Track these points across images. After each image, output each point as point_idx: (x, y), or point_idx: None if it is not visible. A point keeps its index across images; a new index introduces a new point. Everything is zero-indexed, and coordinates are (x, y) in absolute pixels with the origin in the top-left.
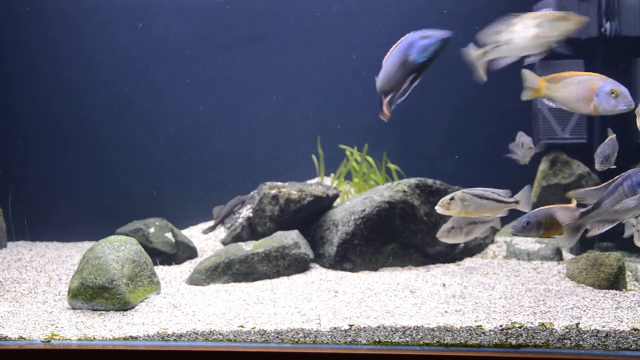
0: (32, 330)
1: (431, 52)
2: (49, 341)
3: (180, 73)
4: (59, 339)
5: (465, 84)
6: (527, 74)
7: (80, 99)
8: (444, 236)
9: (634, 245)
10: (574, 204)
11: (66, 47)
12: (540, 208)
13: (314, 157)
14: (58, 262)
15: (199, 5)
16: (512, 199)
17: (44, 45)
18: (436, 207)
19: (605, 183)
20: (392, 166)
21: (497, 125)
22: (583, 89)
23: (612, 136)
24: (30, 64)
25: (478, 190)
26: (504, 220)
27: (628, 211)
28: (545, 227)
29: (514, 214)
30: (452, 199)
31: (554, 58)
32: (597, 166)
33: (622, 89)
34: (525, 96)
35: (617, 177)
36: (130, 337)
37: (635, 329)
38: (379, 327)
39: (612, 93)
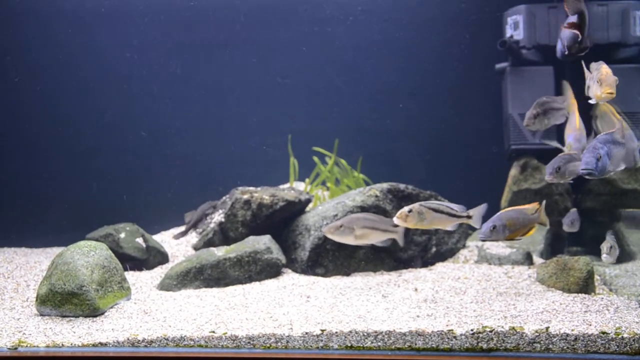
0: None
1: None
2: (16, 348)
3: (151, 77)
4: (27, 346)
5: (438, 90)
6: (566, 88)
7: (49, 102)
8: (330, 232)
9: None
10: (536, 204)
11: (39, 51)
12: (503, 211)
13: (293, 159)
14: (26, 268)
15: (171, 9)
16: (464, 213)
17: (16, 49)
18: (394, 219)
19: None
20: (360, 175)
21: (469, 131)
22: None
23: (569, 151)
24: (4, 67)
25: (434, 204)
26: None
27: None
28: (510, 229)
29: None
30: (410, 211)
31: (524, 64)
32: (547, 177)
33: (574, 147)
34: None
35: None
36: (100, 343)
37: (603, 332)
38: (351, 331)
39: (568, 146)
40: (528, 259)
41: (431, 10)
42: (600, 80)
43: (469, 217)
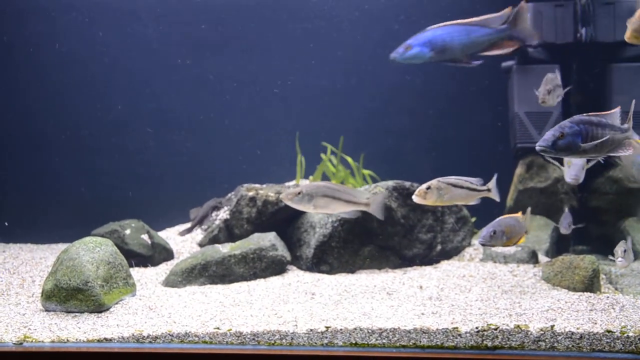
0: (4, 333)
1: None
2: (21, 343)
3: (157, 74)
4: (32, 341)
5: (444, 88)
6: None
7: (55, 99)
8: (288, 199)
9: (607, 249)
10: (523, 214)
11: (46, 50)
12: (501, 217)
13: (300, 156)
14: (32, 263)
15: (179, 6)
16: (484, 187)
17: (22, 47)
18: (413, 197)
19: None
20: (366, 171)
21: (475, 129)
22: None
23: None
24: (10, 65)
25: (452, 179)
26: (482, 223)
27: None
28: (507, 236)
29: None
30: (428, 188)
31: (530, 63)
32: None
33: (574, 162)
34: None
35: None
36: (105, 339)
37: (608, 331)
38: (355, 329)
39: (568, 162)
40: (533, 258)
41: (436, 8)
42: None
43: (489, 190)
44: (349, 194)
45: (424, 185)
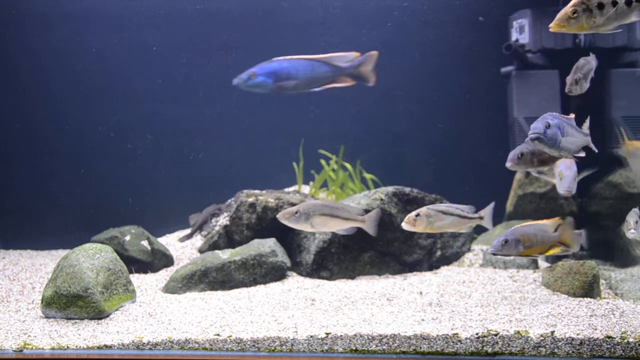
0: (4, 340)
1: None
2: (21, 350)
3: (157, 80)
4: (32, 348)
5: (443, 94)
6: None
7: (56, 104)
8: (285, 218)
9: (608, 254)
10: (557, 220)
11: (46, 55)
12: (518, 225)
13: (294, 164)
14: (32, 270)
15: (177, 12)
16: (476, 215)
17: (24, 53)
18: (402, 224)
19: None
20: (368, 175)
21: (475, 134)
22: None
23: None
24: (10, 70)
25: (443, 207)
26: (481, 229)
27: None
28: (525, 245)
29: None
30: (417, 215)
31: (529, 68)
32: (507, 164)
33: (566, 174)
34: None
35: None
36: (105, 345)
37: (608, 337)
38: (355, 335)
39: (559, 174)
40: (533, 263)
41: (437, 14)
42: None
43: (480, 218)
44: (346, 212)
45: (413, 213)
